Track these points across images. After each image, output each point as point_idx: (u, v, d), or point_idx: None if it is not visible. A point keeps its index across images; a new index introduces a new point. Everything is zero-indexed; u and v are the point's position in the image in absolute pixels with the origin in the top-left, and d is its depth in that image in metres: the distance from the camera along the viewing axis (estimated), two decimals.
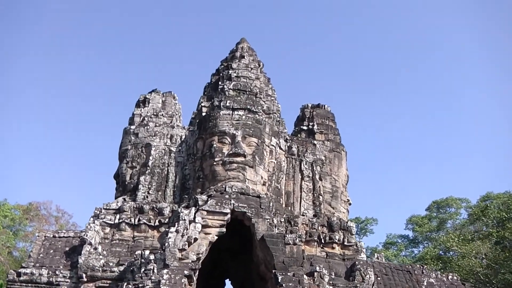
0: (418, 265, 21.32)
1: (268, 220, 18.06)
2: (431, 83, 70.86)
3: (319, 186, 21.11)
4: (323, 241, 19.60)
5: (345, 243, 19.88)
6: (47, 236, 19.80)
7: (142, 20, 75.07)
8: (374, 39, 72.34)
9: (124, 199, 20.26)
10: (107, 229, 19.31)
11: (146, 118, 22.25)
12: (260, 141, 20.18)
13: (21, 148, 65.02)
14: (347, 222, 20.39)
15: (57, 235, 19.85)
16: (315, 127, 22.80)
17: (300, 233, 18.50)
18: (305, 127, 23.08)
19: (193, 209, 17.70)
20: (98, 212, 19.70)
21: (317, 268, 17.42)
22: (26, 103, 66.88)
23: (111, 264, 17.96)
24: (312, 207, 20.66)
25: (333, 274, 18.49)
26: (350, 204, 22.32)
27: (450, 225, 46.51)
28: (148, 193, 20.34)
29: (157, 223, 19.22)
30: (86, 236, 18.33)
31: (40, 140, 67.89)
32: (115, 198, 20.91)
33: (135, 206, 19.74)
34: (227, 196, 18.35)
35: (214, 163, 19.50)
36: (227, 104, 20.74)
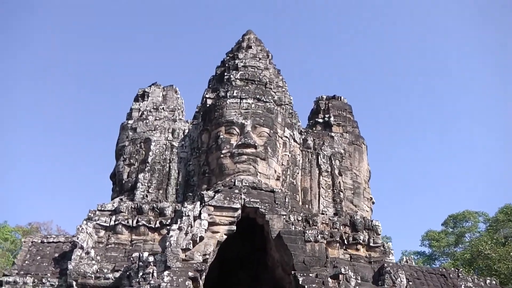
0: (452, 269, 18.89)
1: (284, 216, 15.80)
2: (445, 95, 67.69)
3: (339, 182, 18.87)
4: (346, 242, 17.28)
5: (371, 244, 17.57)
6: (35, 241, 17.51)
7: (142, 16, 70.04)
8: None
9: (121, 199, 18.03)
10: (102, 232, 17.05)
11: (145, 113, 20.16)
12: (272, 131, 18.02)
13: (20, 168, 62.31)
14: (371, 221, 18.07)
15: (45, 241, 17.56)
16: (332, 119, 20.65)
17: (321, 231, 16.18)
18: (320, 120, 20.92)
19: (198, 204, 15.45)
20: (91, 215, 17.46)
21: (342, 270, 15.05)
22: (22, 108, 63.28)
23: (105, 270, 15.64)
24: (332, 204, 18.38)
25: (359, 279, 16.10)
26: (373, 203, 20.01)
27: (469, 238, 44.34)
28: (148, 192, 18.13)
29: (157, 225, 16.95)
30: (77, 239, 16.04)
31: (39, 159, 64.77)
32: (112, 200, 18.68)
33: (133, 206, 17.51)
34: (236, 191, 16.13)
35: (221, 155, 17.32)
36: (234, 94, 18.64)
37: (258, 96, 18.59)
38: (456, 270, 18.48)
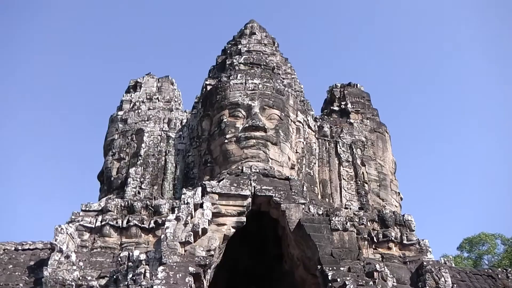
0: (500, 269, 16.12)
1: (303, 206, 13.15)
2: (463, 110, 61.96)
3: (362, 173, 16.27)
4: (375, 240, 14.52)
5: (405, 242, 14.79)
6: (7, 249, 14.73)
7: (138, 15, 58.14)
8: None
9: (110, 198, 15.38)
10: (86, 235, 14.32)
11: (137, 103, 17.70)
12: (283, 114, 15.56)
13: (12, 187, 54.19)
14: (403, 216, 15.36)
15: (20, 248, 14.75)
16: (349, 105, 18.18)
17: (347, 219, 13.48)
18: (336, 108, 18.43)
19: (199, 190, 12.81)
20: (74, 217, 14.76)
21: (377, 267, 12.33)
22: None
23: (88, 277, 12.87)
24: (357, 198, 15.74)
25: (395, 281, 13.33)
26: (401, 198, 17.32)
27: (488, 260, 41.46)
28: (140, 188, 15.50)
29: (152, 225, 14.17)
30: (55, 241, 13.32)
31: (21, 159, 55.87)
32: (98, 201, 16.00)
33: (123, 204, 14.82)
34: (245, 177, 13.53)
35: (226, 141, 14.80)
36: (238, 77, 16.25)
37: (265, 79, 16.22)
38: (505, 270, 15.72)
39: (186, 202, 12.30)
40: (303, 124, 16.37)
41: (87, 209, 14.90)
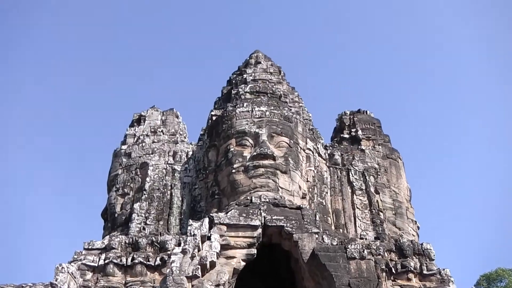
0: None
1: (316, 235, 12.44)
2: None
3: (377, 201, 15.57)
4: (394, 271, 13.68)
5: (425, 272, 13.91)
6: None
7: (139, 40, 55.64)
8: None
9: (114, 235, 14.71)
10: (89, 275, 13.57)
11: (141, 137, 17.20)
12: (292, 141, 15.01)
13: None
14: (421, 244, 14.56)
15: None
16: (360, 132, 17.60)
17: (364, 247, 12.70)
18: (346, 135, 17.85)
19: (206, 221, 12.14)
20: (77, 256, 14.07)
21: None
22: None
23: None
24: (372, 227, 14.98)
25: None
26: (418, 227, 16.53)
27: None
28: (145, 223, 14.84)
29: (158, 262, 13.42)
30: (56, 281, 12.61)
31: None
32: (102, 239, 15.32)
33: (127, 241, 14.13)
34: (254, 207, 12.88)
35: (233, 170, 14.21)
36: (244, 105, 15.81)
37: (272, 108, 15.77)
38: None
39: (192, 234, 11.63)
40: (313, 152, 15.80)
41: (90, 247, 14.22)
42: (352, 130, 17.87)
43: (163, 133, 17.41)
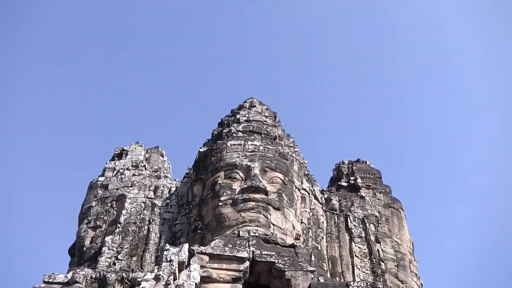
0: None
1: (312, 274, 10.79)
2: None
3: (378, 250, 13.99)
4: None
5: None
6: None
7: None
8: None
9: (79, 268, 12.89)
10: None
11: (121, 170, 15.75)
12: (287, 178, 13.61)
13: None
14: None
15: None
16: (359, 180, 16.29)
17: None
18: (344, 183, 16.52)
19: (186, 247, 10.48)
20: None
21: None
22: None
23: None
24: (372, 277, 13.28)
25: None
26: (422, 284, 14.85)
27: None
28: (117, 258, 13.07)
29: None
30: None
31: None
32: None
33: (94, 276, 12.26)
34: (242, 239, 11.29)
35: (220, 203, 12.68)
36: (236, 140, 14.56)
37: (266, 143, 14.52)
38: None
39: (169, 259, 9.94)
40: (309, 194, 14.38)
41: (50, 280, 12.30)
42: (351, 178, 16.58)
43: (145, 168, 16.00)
